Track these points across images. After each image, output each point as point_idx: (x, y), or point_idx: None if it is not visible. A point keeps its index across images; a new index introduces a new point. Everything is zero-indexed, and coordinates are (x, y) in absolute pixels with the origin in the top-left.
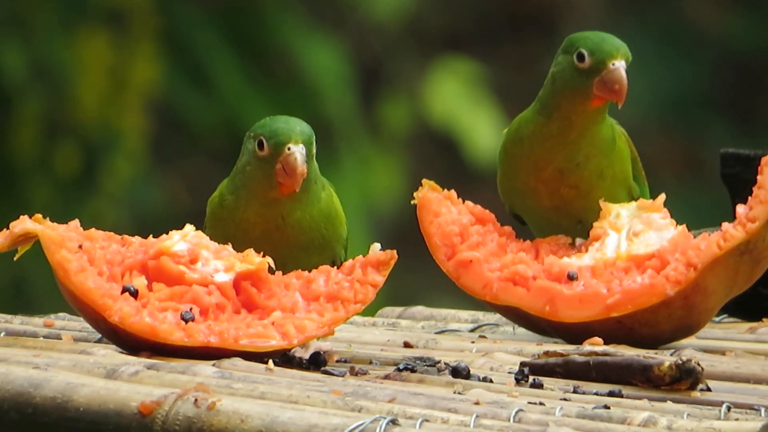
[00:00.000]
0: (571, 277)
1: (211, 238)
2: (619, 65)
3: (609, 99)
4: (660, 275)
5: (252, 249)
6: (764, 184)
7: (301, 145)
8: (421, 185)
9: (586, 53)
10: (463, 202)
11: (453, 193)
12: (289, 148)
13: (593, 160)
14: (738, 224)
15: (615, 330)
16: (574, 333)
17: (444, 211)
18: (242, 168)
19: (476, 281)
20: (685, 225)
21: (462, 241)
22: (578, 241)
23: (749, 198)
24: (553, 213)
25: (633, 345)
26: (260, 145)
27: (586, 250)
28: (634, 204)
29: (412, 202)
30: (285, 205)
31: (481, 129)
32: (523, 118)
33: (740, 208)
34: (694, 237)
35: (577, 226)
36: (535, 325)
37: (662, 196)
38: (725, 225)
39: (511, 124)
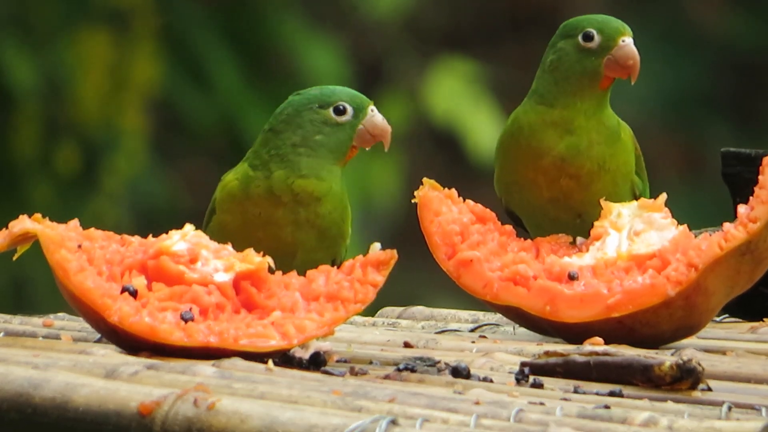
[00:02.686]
0: (572, 277)
1: (219, 225)
2: (629, 41)
3: (621, 76)
4: (661, 275)
5: (257, 243)
6: (766, 184)
7: (374, 107)
8: (422, 184)
9: (594, 32)
10: (464, 200)
11: (453, 191)
12: (372, 110)
13: (596, 148)
14: (739, 224)
15: (615, 330)
16: (575, 333)
17: (444, 210)
18: (304, 140)
19: (477, 281)
20: (686, 225)
21: (462, 241)
22: (579, 240)
23: (750, 198)
24: (552, 206)
25: (633, 345)
26: (339, 111)
27: (587, 250)
28: (635, 203)
29: (412, 201)
30: (334, 179)
31: (481, 128)
32: (519, 111)
33: (741, 209)
34: (695, 237)
35: (577, 221)
36: (535, 325)
37: (663, 196)
38: (726, 225)
39: (507, 121)
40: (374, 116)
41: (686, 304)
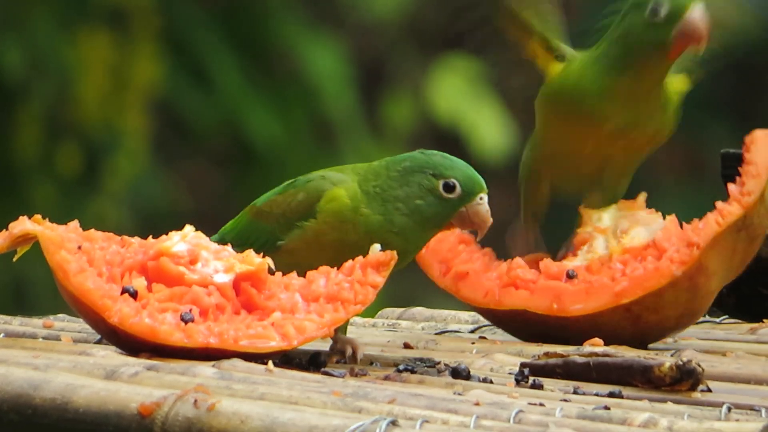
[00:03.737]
0: (571, 276)
1: (315, 233)
2: (699, 10)
3: (690, 46)
4: (664, 258)
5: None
6: (753, 160)
7: (486, 196)
8: None
9: (663, 3)
10: None
11: None
12: (481, 198)
13: (654, 118)
14: (733, 200)
15: (622, 319)
16: (581, 328)
17: None
18: (406, 198)
19: (476, 291)
20: (674, 215)
21: (454, 257)
22: (564, 248)
23: (739, 176)
24: (585, 165)
25: (640, 335)
26: (449, 188)
27: (575, 255)
28: (613, 207)
29: None
30: (421, 243)
31: (484, 126)
32: (580, 73)
33: (732, 187)
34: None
35: (594, 189)
36: (536, 332)
37: (643, 195)
38: (719, 204)
39: (555, 77)
40: (480, 205)
41: (690, 284)
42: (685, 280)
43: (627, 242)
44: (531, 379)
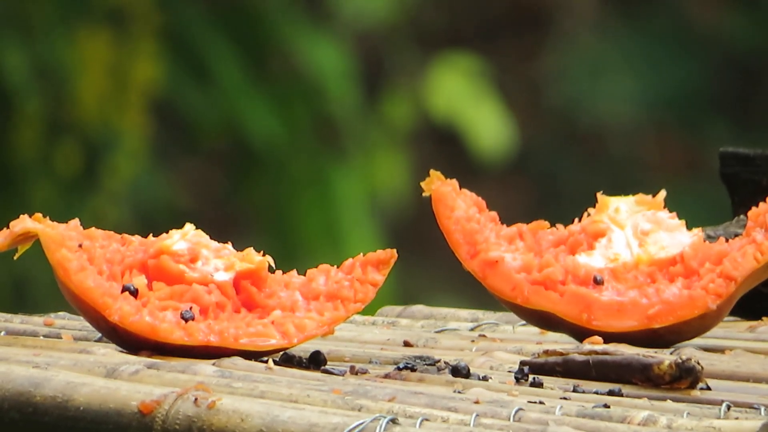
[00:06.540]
0: (598, 282)
1: None
2: None
3: None
4: (698, 288)
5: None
6: None
7: None
8: (429, 176)
9: None
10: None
11: (455, 182)
12: None
13: None
14: None
15: (642, 335)
16: (610, 337)
17: (459, 206)
18: None
19: (505, 283)
20: (700, 228)
21: (483, 239)
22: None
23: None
24: None
25: (651, 346)
26: None
27: (591, 247)
28: (632, 198)
29: (423, 195)
30: None
31: (484, 124)
32: None
33: None
34: (705, 240)
35: None
36: (556, 327)
37: (663, 192)
38: (758, 237)
39: None
40: None
41: (718, 313)
42: (716, 311)
43: (652, 250)
44: (531, 377)
